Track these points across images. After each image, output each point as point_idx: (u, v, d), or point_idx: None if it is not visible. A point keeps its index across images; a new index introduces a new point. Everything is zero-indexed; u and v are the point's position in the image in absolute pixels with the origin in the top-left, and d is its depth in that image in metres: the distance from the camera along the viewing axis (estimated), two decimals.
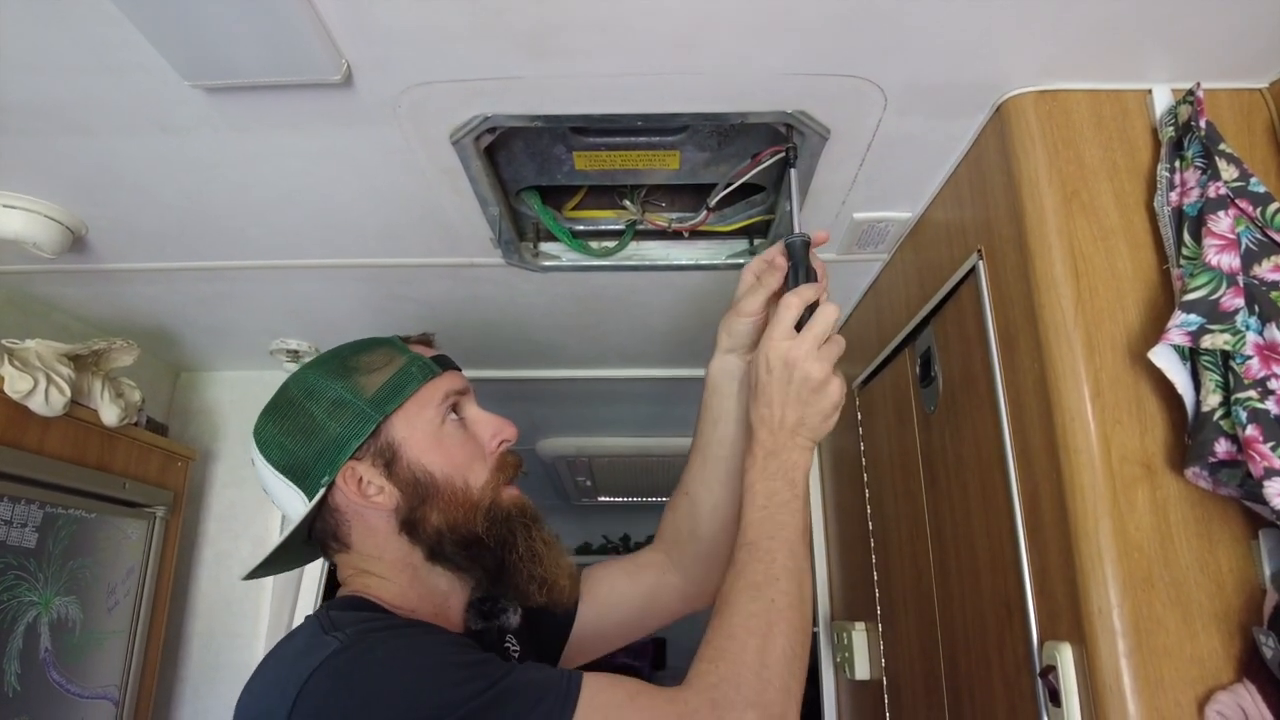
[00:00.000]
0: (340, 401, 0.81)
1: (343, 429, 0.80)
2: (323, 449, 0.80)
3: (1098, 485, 0.78)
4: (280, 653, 0.73)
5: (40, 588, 1.26)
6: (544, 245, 1.29)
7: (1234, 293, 0.73)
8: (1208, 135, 0.81)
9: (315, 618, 0.73)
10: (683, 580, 1.05)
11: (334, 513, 0.83)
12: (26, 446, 1.23)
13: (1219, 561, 0.77)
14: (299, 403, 0.83)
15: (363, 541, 0.83)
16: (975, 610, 1.01)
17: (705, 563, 1.03)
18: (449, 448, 0.83)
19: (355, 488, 0.80)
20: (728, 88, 0.89)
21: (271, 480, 0.83)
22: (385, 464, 0.81)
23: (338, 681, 0.64)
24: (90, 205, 1.14)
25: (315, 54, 0.79)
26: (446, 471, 0.82)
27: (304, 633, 0.73)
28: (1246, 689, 0.70)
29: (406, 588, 0.83)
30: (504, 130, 0.98)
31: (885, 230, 1.23)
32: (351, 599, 0.80)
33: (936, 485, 1.15)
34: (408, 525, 0.82)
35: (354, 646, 0.67)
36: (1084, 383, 0.81)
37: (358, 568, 0.83)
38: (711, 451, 1.01)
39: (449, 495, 0.82)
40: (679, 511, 1.05)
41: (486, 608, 0.89)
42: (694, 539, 1.04)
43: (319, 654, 0.66)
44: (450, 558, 0.82)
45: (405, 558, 0.83)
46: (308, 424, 0.81)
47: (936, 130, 0.98)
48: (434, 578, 0.84)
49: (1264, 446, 0.67)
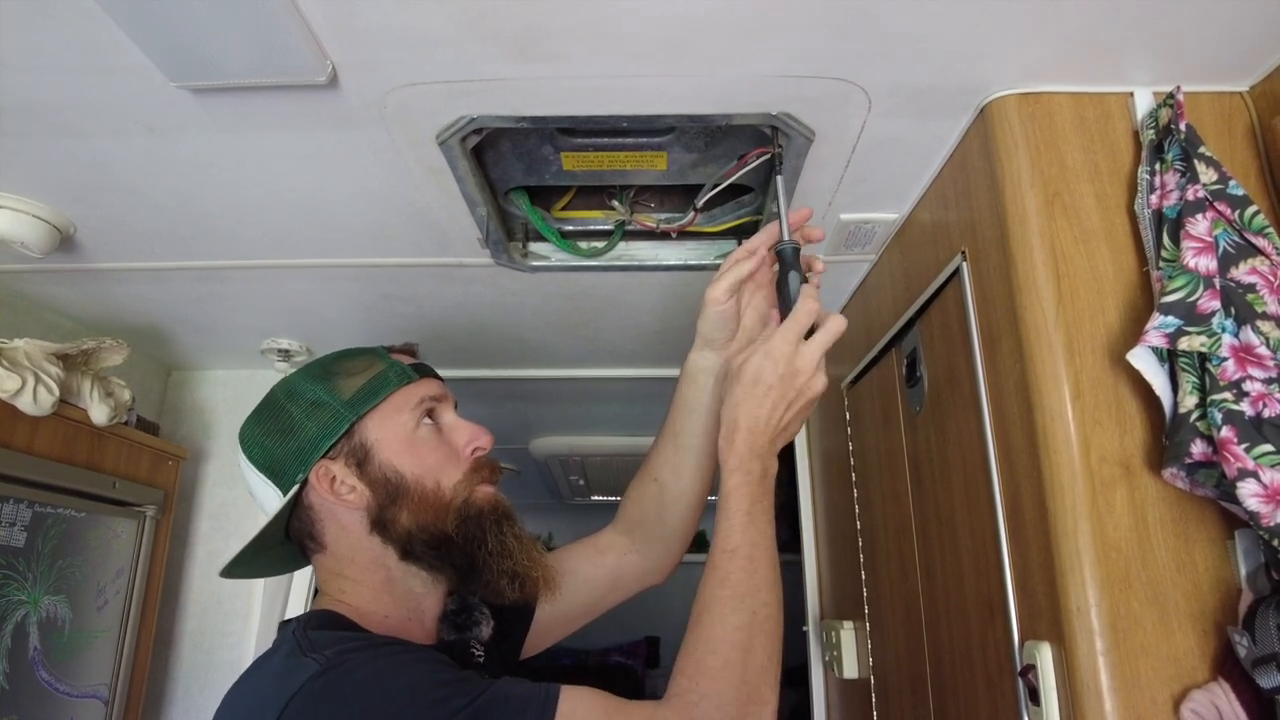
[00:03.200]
0: (318, 402, 0.83)
1: (318, 428, 0.82)
2: (299, 447, 0.82)
3: (1077, 485, 0.79)
4: (258, 676, 0.73)
5: (29, 587, 1.26)
6: (533, 245, 1.30)
7: (1211, 295, 0.74)
8: (1187, 138, 0.81)
9: (293, 636, 0.73)
10: (642, 559, 1.08)
11: (308, 511, 0.84)
12: (15, 445, 1.23)
13: (1196, 561, 0.77)
14: (280, 404, 0.85)
15: (336, 541, 0.84)
16: (959, 610, 1.02)
17: (666, 542, 1.07)
18: (421, 451, 0.84)
19: (328, 486, 0.82)
20: (712, 90, 0.89)
21: (253, 479, 0.85)
22: (358, 464, 0.82)
23: (318, 705, 0.65)
24: (78, 205, 1.14)
25: (300, 55, 0.80)
26: (417, 473, 0.83)
27: (280, 653, 0.73)
28: (1221, 687, 0.71)
29: (380, 590, 0.83)
30: (491, 131, 0.98)
31: (872, 231, 1.23)
32: (328, 615, 0.80)
33: (922, 485, 1.16)
34: (379, 525, 0.83)
35: (333, 669, 0.67)
36: (1064, 384, 0.82)
37: (333, 571, 0.85)
38: (684, 440, 1.02)
39: (419, 496, 0.82)
40: (646, 496, 1.06)
41: (461, 619, 0.90)
42: (660, 522, 1.06)
43: (298, 677, 0.66)
44: (421, 557, 0.83)
45: (378, 558, 0.84)
46: (287, 423, 0.83)
47: (921, 132, 0.98)
48: (408, 579, 0.85)
49: (1238, 448, 0.68)
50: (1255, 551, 0.75)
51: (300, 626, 0.74)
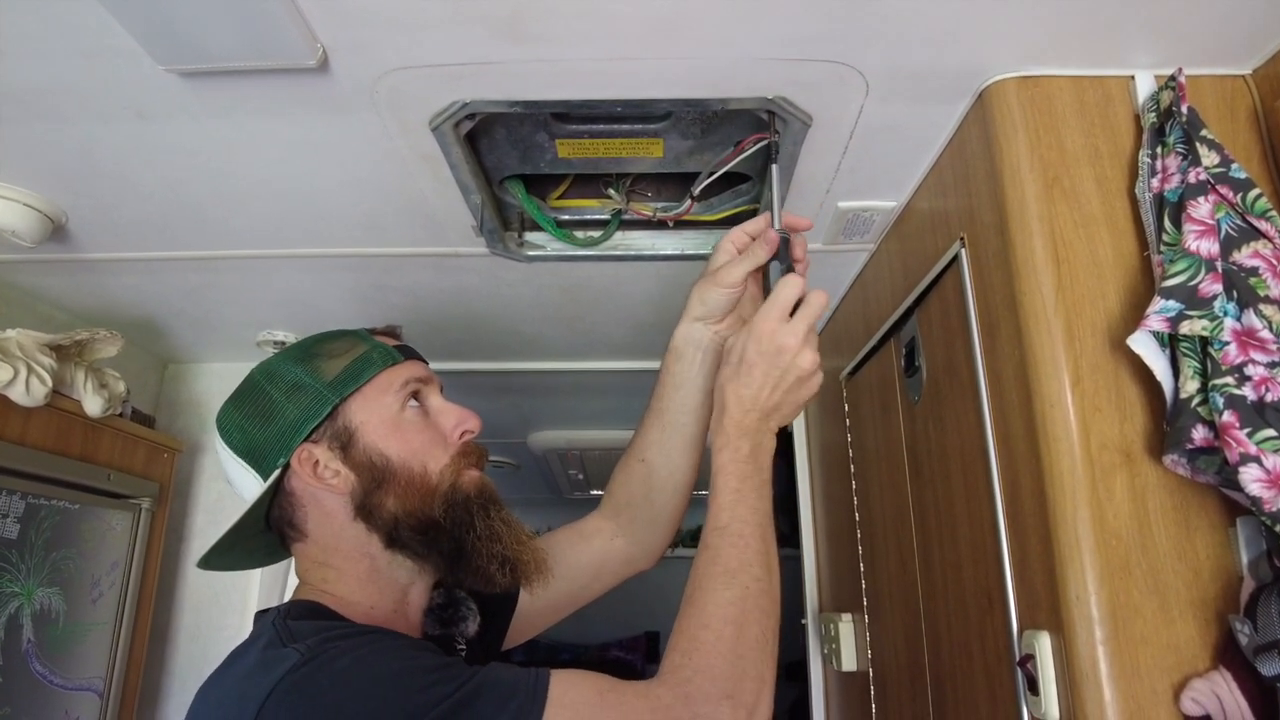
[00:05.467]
0: (299, 384, 0.81)
1: (300, 411, 0.80)
2: (280, 431, 0.80)
3: (1076, 472, 0.78)
4: (235, 669, 0.71)
5: (22, 579, 1.25)
6: (529, 235, 1.29)
7: (1212, 279, 0.73)
8: (1189, 121, 0.80)
9: (272, 626, 0.71)
10: (628, 544, 1.05)
11: (290, 497, 0.82)
12: (7, 437, 1.23)
13: (1197, 549, 0.76)
14: (260, 387, 0.83)
15: (319, 528, 0.82)
16: (958, 600, 1.01)
17: (653, 526, 1.04)
18: (407, 434, 0.82)
19: (311, 470, 0.79)
20: (708, 73, 0.88)
21: (231, 465, 0.83)
22: (341, 447, 0.80)
23: (301, 696, 0.63)
24: (69, 193, 1.13)
25: (290, 38, 0.79)
26: (403, 456, 0.81)
27: (259, 644, 0.70)
28: (1222, 676, 0.70)
29: (365, 580, 0.81)
30: (485, 117, 0.97)
31: (870, 220, 1.22)
32: (309, 605, 0.78)
33: (921, 476, 1.15)
34: (363, 510, 0.80)
35: (315, 659, 0.65)
36: (1064, 370, 0.81)
37: (315, 560, 0.82)
38: (671, 418, 1.00)
39: (405, 480, 0.80)
40: (633, 477, 1.03)
41: (447, 614, 0.88)
42: (647, 504, 1.03)
43: (279, 668, 0.64)
44: (407, 544, 0.81)
45: (362, 546, 0.81)
46: (267, 407, 0.81)
47: (919, 117, 0.97)
48: (393, 568, 0.82)
49: (1240, 433, 0.67)
50: (1257, 538, 0.74)
51: (280, 616, 0.72)
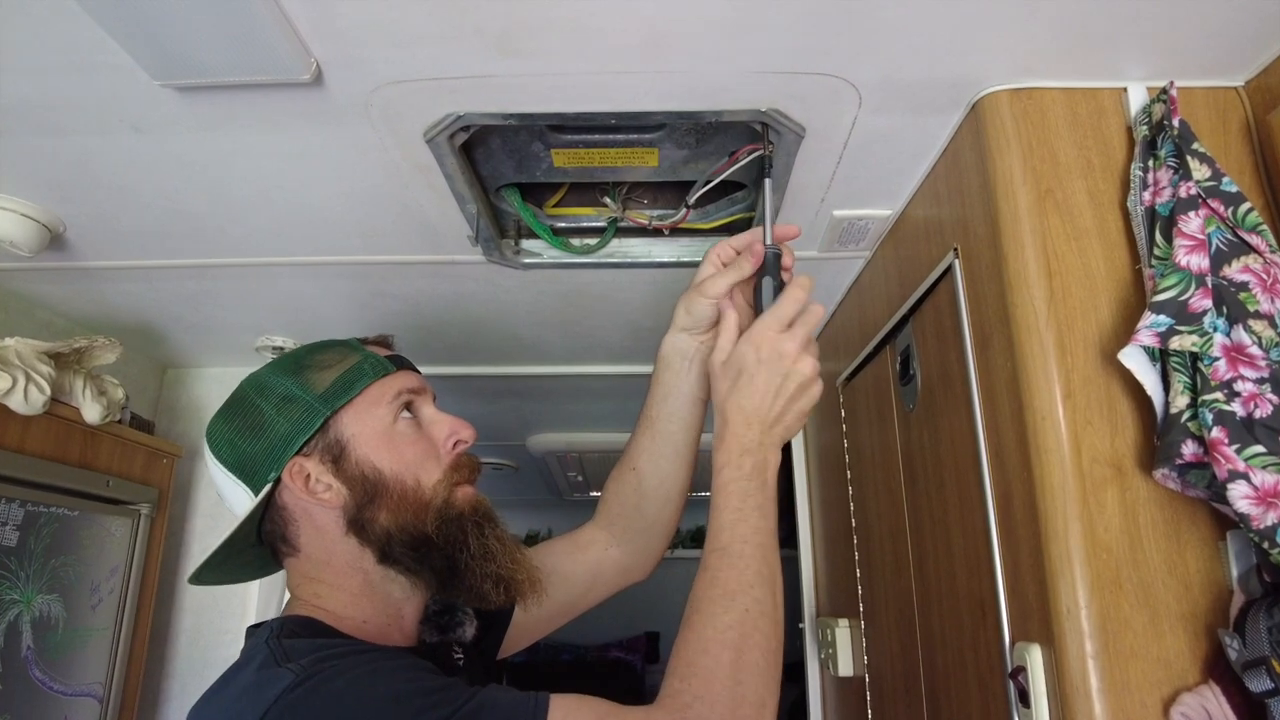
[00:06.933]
0: (290, 397, 0.80)
1: (291, 425, 0.78)
2: (271, 445, 0.78)
3: (1068, 486, 0.78)
4: (229, 689, 0.69)
5: (22, 586, 1.26)
6: (525, 243, 1.29)
7: (1202, 294, 0.73)
8: (1180, 134, 0.80)
9: (266, 645, 0.69)
10: (623, 554, 1.05)
11: (282, 511, 0.81)
12: (6, 445, 1.23)
13: (1187, 563, 0.76)
14: (250, 400, 0.81)
15: (311, 543, 0.81)
16: (952, 609, 1.01)
17: (647, 536, 1.04)
18: (400, 446, 0.81)
19: (302, 484, 0.78)
20: (700, 86, 0.88)
21: (221, 479, 0.81)
22: (333, 460, 0.79)
23: (296, 717, 0.62)
24: (67, 203, 1.13)
25: (283, 53, 0.79)
26: (396, 469, 0.80)
27: (253, 664, 0.69)
28: (1211, 690, 0.70)
29: (358, 595, 0.80)
30: (480, 128, 0.98)
31: (865, 228, 1.22)
32: (302, 621, 0.77)
33: (916, 484, 1.15)
34: (355, 525, 0.79)
35: (311, 679, 0.64)
36: (1055, 383, 0.81)
37: (307, 575, 0.81)
38: (661, 427, 1.00)
39: (398, 494, 0.79)
40: (625, 486, 1.04)
41: (444, 621, 0.88)
42: (639, 513, 1.03)
43: (273, 688, 0.63)
44: (400, 560, 0.80)
45: (355, 561, 0.80)
46: (257, 420, 0.79)
47: (913, 128, 0.97)
48: (387, 583, 0.81)
49: (1229, 449, 0.67)
50: (1247, 552, 0.74)
51: (273, 634, 0.71)
